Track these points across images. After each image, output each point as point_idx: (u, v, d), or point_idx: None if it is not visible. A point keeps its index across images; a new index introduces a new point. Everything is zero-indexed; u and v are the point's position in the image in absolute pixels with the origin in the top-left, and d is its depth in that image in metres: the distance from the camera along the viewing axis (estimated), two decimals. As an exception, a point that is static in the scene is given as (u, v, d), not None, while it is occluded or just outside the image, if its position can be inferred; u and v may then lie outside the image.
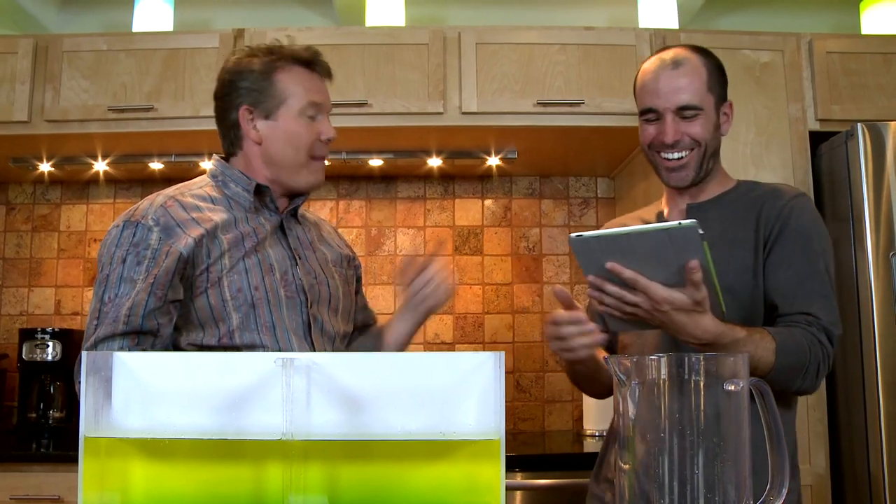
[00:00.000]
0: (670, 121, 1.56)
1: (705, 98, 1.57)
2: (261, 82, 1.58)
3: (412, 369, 0.81)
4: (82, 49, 2.76)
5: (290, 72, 1.60)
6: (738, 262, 1.53)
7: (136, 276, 1.45)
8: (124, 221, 1.52)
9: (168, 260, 1.46)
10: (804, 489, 2.50)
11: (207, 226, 1.51)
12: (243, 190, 1.60)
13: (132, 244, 1.47)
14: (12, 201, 3.29)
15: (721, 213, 1.61)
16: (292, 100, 1.58)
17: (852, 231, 2.50)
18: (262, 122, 1.59)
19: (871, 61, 2.76)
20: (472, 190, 3.29)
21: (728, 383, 0.87)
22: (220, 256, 1.50)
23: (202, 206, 1.55)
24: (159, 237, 1.47)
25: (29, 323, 3.20)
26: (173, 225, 1.49)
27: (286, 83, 1.59)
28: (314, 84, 1.62)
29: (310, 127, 1.60)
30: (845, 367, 2.53)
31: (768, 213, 1.56)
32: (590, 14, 3.33)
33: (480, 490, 0.79)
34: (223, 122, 1.64)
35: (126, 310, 1.43)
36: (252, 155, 1.61)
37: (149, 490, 0.80)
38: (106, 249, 1.50)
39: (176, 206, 1.53)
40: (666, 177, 1.61)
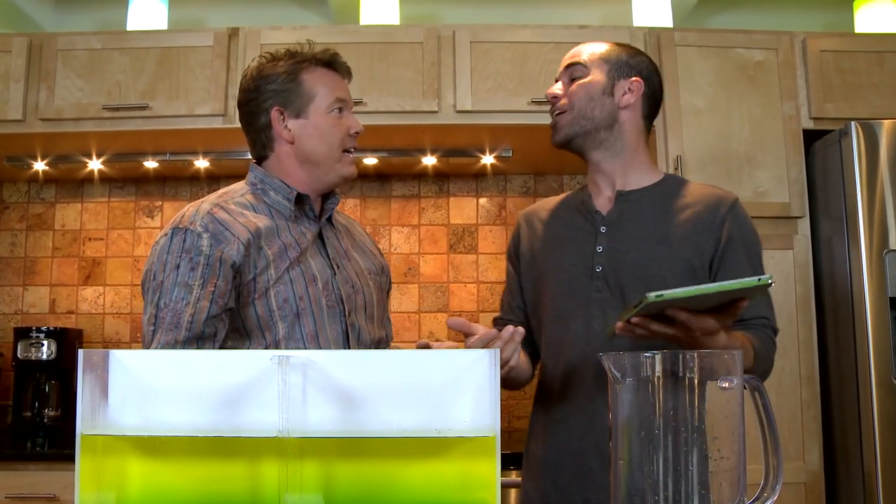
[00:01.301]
0: (559, 81, 1.65)
1: (594, 60, 1.62)
2: (288, 83, 1.62)
3: (408, 366, 0.82)
4: (77, 48, 2.76)
5: (313, 72, 1.64)
6: (674, 261, 1.53)
7: (191, 282, 1.47)
8: (172, 229, 1.53)
9: (224, 267, 1.48)
10: (798, 486, 2.52)
11: (254, 232, 1.53)
12: (284, 199, 1.62)
13: (184, 250, 1.49)
14: (7, 200, 3.29)
15: (653, 205, 1.60)
16: (320, 97, 1.62)
17: (846, 229, 2.51)
18: (294, 122, 1.62)
19: (865, 60, 2.77)
20: (466, 188, 3.30)
21: (722, 380, 0.88)
22: (265, 267, 1.52)
23: (246, 213, 1.57)
24: (210, 243, 1.49)
25: (23, 322, 3.19)
26: (222, 230, 1.51)
27: (312, 82, 1.62)
28: (337, 82, 1.66)
29: (339, 122, 1.63)
30: (839, 364, 2.54)
31: (711, 218, 1.56)
32: (584, 13, 3.34)
33: (476, 487, 0.79)
34: (252, 127, 1.66)
35: (189, 316, 1.45)
36: (284, 156, 1.63)
37: (145, 487, 0.81)
38: (157, 258, 1.52)
39: (222, 212, 1.55)
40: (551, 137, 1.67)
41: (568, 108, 1.61)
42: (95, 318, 3.21)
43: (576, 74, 1.63)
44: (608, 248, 1.57)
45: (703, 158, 2.67)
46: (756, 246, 1.60)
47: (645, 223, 1.58)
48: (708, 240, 1.55)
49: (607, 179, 1.64)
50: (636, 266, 1.54)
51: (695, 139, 2.69)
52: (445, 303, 3.21)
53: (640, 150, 1.65)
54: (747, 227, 1.59)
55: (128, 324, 3.22)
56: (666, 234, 1.56)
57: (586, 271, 1.58)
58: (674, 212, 1.58)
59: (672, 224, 1.57)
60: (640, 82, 1.63)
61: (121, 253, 3.25)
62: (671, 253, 1.54)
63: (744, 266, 1.54)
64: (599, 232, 1.60)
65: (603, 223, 1.60)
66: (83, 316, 3.22)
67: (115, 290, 3.23)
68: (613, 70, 1.62)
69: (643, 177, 1.64)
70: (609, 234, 1.59)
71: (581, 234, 1.63)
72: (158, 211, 3.27)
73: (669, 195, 1.62)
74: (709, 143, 2.70)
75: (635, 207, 1.60)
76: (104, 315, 3.22)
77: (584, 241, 1.61)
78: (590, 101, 1.60)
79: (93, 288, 3.23)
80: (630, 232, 1.58)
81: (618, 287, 1.54)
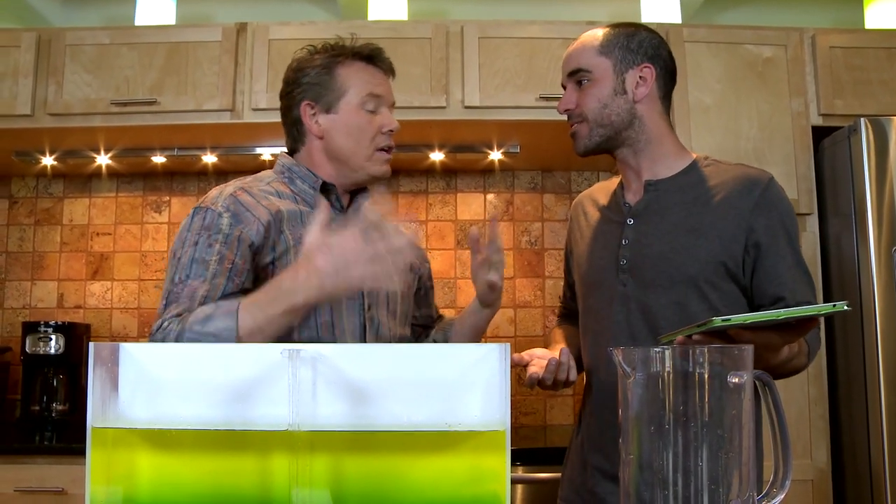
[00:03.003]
0: (567, 90, 1.59)
1: (594, 61, 1.55)
2: (322, 76, 1.59)
3: (418, 361, 0.82)
4: (85, 43, 2.77)
5: (350, 66, 1.60)
6: (702, 252, 1.47)
7: (207, 258, 1.45)
8: (194, 209, 1.53)
9: (242, 247, 1.47)
10: (805, 483, 2.51)
11: (275, 215, 1.51)
12: (309, 187, 1.60)
13: (203, 228, 1.48)
14: (15, 195, 3.30)
15: (682, 195, 1.54)
16: (352, 92, 1.59)
17: (855, 226, 2.50)
18: (324, 116, 1.60)
19: (875, 56, 2.76)
20: (474, 184, 3.29)
21: (732, 375, 0.88)
22: (285, 251, 1.50)
23: (270, 197, 1.56)
24: (230, 222, 1.48)
25: (32, 316, 3.21)
26: (243, 211, 1.50)
27: (346, 76, 1.59)
28: (375, 77, 1.62)
29: (370, 119, 1.60)
30: (847, 361, 2.53)
31: (742, 203, 1.49)
32: (592, 8, 3.33)
33: (486, 481, 0.79)
34: (286, 119, 1.65)
35: (203, 291, 1.43)
36: (314, 150, 1.62)
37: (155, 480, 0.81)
38: (178, 236, 1.52)
39: (245, 195, 1.54)
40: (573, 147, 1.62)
41: (583, 118, 1.56)
42: (103, 313, 3.22)
43: (581, 80, 1.57)
44: (633, 241, 1.54)
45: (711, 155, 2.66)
46: (793, 227, 1.52)
47: (672, 213, 1.53)
48: (739, 227, 1.48)
49: (635, 172, 1.60)
50: (660, 258, 1.50)
51: (703, 136, 2.69)
52: (453, 299, 3.21)
53: (665, 135, 1.59)
54: (783, 208, 1.51)
55: (135, 318, 3.22)
56: (694, 223, 1.50)
57: (612, 264, 1.55)
58: (704, 199, 1.52)
59: (701, 212, 1.51)
60: (650, 68, 1.56)
61: (128, 248, 3.26)
62: (698, 243, 1.48)
63: (786, 249, 1.49)
64: (626, 224, 1.56)
65: (630, 214, 1.57)
66: (91, 310, 3.23)
67: (122, 285, 3.24)
68: (618, 64, 1.55)
69: (671, 163, 1.58)
70: (635, 226, 1.55)
71: (610, 225, 1.60)
72: (166, 206, 3.28)
73: (699, 181, 1.55)
74: (717, 140, 2.69)
75: (663, 197, 1.55)
76: (112, 310, 3.23)
77: (612, 233, 1.59)
78: (603, 109, 1.55)
79: (100, 283, 3.24)
80: (656, 223, 1.53)
81: (641, 280, 1.51)
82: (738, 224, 1.48)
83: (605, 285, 1.55)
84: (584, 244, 1.65)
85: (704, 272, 1.47)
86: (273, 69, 2.72)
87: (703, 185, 1.54)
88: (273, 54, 2.74)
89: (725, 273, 1.48)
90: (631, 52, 1.56)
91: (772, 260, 1.48)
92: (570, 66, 1.58)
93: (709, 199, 1.52)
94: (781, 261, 1.49)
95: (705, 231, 1.49)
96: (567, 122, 1.60)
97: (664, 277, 1.48)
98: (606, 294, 1.55)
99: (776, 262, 1.49)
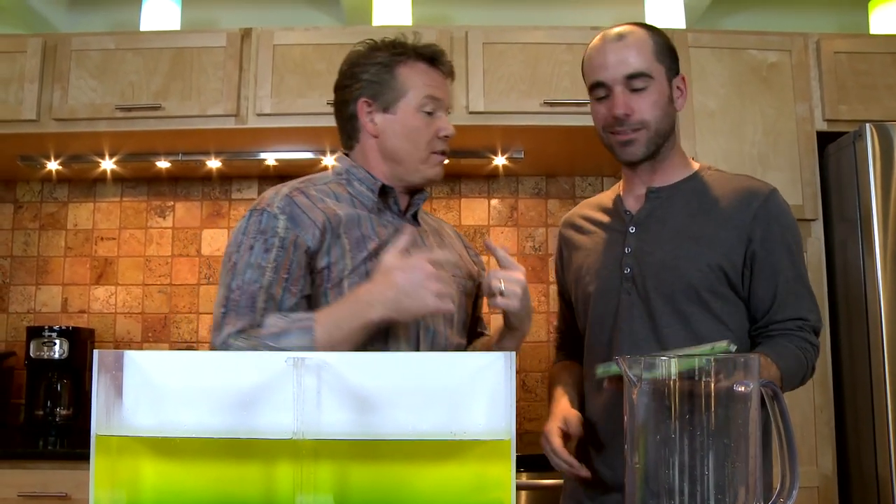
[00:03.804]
0: (619, 93, 1.49)
1: (654, 66, 1.50)
2: (382, 75, 1.55)
3: (422, 369, 0.81)
4: (90, 48, 2.77)
5: (412, 66, 1.56)
6: (703, 260, 1.46)
7: (263, 263, 1.42)
8: (250, 211, 1.49)
9: (298, 253, 1.44)
10: (811, 491, 2.50)
11: (332, 219, 1.48)
12: (368, 189, 1.56)
13: (259, 231, 1.45)
14: (20, 199, 3.30)
15: (684, 202, 1.53)
16: (412, 93, 1.55)
17: (860, 232, 2.49)
18: (380, 116, 1.56)
19: (880, 61, 2.75)
20: (478, 189, 3.29)
21: (738, 385, 0.87)
22: (341, 256, 1.47)
23: (327, 200, 1.52)
24: (286, 226, 1.45)
25: (36, 321, 3.21)
26: (299, 213, 1.46)
27: (407, 77, 1.55)
28: (435, 80, 1.58)
29: (428, 122, 1.56)
30: (853, 368, 2.52)
31: (743, 213, 1.48)
32: (596, 14, 3.33)
33: (491, 490, 0.79)
34: (341, 115, 1.61)
35: (263, 300, 1.41)
36: (369, 148, 1.58)
37: (159, 488, 0.81)
38: (233, 238, 1.48)
39: (301, 196, 1.50)
40: (619, 152, 1.54)
41: (644, 125, 1.50)
42: (107, 318, 3.23)
43: (638, 86, 1.49)
44: (636, 249, 1.52)
45: (715, 160, 2.65)
46: (794, 241, 1.50)
47: (674, 221, 1.52)
48: (739, 237, 1.47)
49: (643, 180, 1.58)
50: (662, 267, 1.48)
51: (708, 141, 2.68)
52: (456, 304, 3.20)
53: (678, 145, 1.59)
54: (784, 221, 1.50)
55: (139, 323, 3.22)
56: (696, 231, 1.49)
57: (616, 274, 1.53)
58: (706, 207, 1.51)
59: (703, 221, 1.50)
60: (685, 80, 1.56)
61: (133, 253, 3.26)
62: (700, 251, 1.47)
63: (783, 263, 1.47)
64: (629, 232, 1.54)
65: (632, 222, 1.55)
66: (95, 315, 3.23)
67: (126, 290, 3.24)
68: (668, 71, 1.53)
69: (676, 171, 1.57)
70: (637, 234, 1.53)
71: (612, 235, 1.58)
72: (170, 211, 3.28)
73: (701, 190, 1.54)
74: (721, 145, 2.69)
75: (665, 205, 1.54)
76: (116, 314, 3.23)
77: (614, 242, 1.57)
78: (665, 118, 1.52)
79: (105, 287, 3.24)
80: (658, 231, 1.52)
81: (644, 289, 1.49)
82: (739, 234, 1.47)
83: (611, 294, 1.53)
84: (583, 258, 1.62)
85: (706, 280, 1.46)
86: (277, 74, 2.73)
87: (705, 194, 1.54)
88: (277, 60, 2.74)
89: (727, 282, 1.47)
90: (673, 59, 1.55)
91: (767, 273, 1.47)
92: (627, 69, 1.49)
93: (711, 208, 1.51)
94: (778, 274, 1.47)
95: (707, 239, 1.48)
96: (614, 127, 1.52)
97: (666, 285, 1.47)
98: (612, 303, 1.52)
99: (771, 275, 1.47)
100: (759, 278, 1.48)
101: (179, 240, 3.27)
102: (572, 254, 1.66)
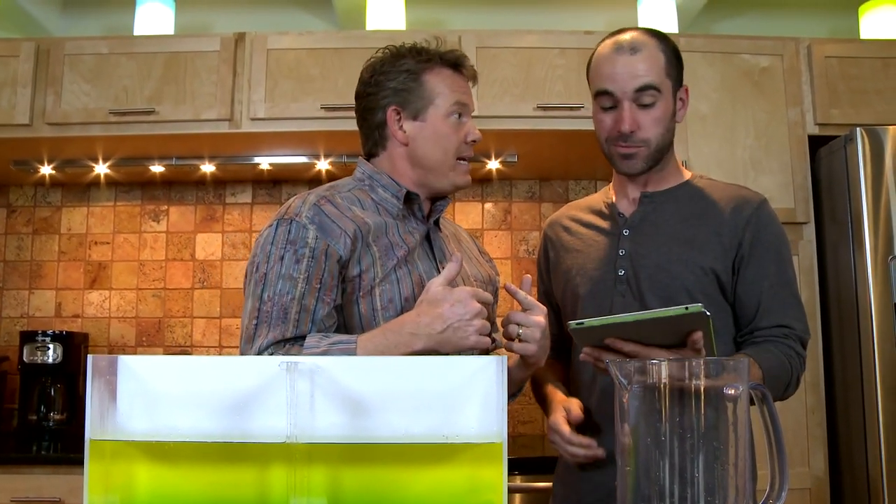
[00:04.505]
0: (627, 108, 1.50)
1: (663, 81, 1.51)
2: (410, 83, 1.55)
3: (415, 373, 0.82)
4: (84, 52, 2.77)
5: (438, 73, 1.56)
6: (696, 264, 1.49)
7: (295, 274, 1.41)
8: (277, 220, 1.47)
9: (330, 262, 1.43)
10: (803, 492, 2.51)
11: (361, 227, 1.47)
12: (392, 196, 1.56)
13: (288, 241, 1.43)
14: (13, 204, 3.30)
15: (677, 207, 1.56)
16: (440, 100, 1.54)
17: (851, 235, 2.50)
18: (410, 123, 1.55)
19: (870, 66, 2.77)
20: (472, 193, 3.30)
21: (728, 387, 0.88)
22: (371, 264, 1.46)
23: (353, 208, 1.51)
24: (316, 235, 1.43)
25: (29, 325, 3.20)
26: (328, 223, 1.45)
27: (434, 83, 1.55)
28: (460, 85, 1.58)
29: (457, 128, 1.56)
30: (844, 370, 2.54)
31: (735, 220, 1.51)
32: (589, 18, 3.34)
33: (483, 493, 0.79)
34: (367, 123, 1.60)
35: (294, 312, 1.40)
36: (397, 156, 1.57)
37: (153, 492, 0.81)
38: (261, 249, 1.46)
39: (329, 205, 1.49)
40: (619, 164, 1.56)
41: (646, 143, 1.52)
42: (101, 322, 3.22)
43: (646, 101, 1.50)
44: (630, 251, 1.54)
45: (707, 164, 2.67)
46: (783, 249, 1.52)
47: (667, 225, 1.54)
48: (730, 242, 1.50)
49: (638, 186, 1.60)
50: (656, 269, 1.50)
51: (700, 145, 2.70)
52: (450, 307, 3.20)
53: (673, 153, 1.61)
54: (773, 230, 1.52)
55: (133, 328, 3.22)
56: (688, 236, 1.52)
57: (609, 275, 1.55)
58: (698, 213, 1.54)
59: (695, 226, 1.52)
60: (687, 91, 1.57)
61: (126, 257, 3.26)
62: (693, 256, 1.49)
63: (770, 270, 1.49)
64: (622, 235, 1.56)
65: (626, 226, 1.57)
66: (89, 320, 3.23)
67: (120, 294, 3.24)
68: (674, 84, 1.54)
69: (670, 178, 1.60)
70: (631, 237, 1.55)
71: (605, 237, 1.59)
72: (164, 215, 3.28)
73: (694, 196, 1.57)
74: (713, 149, 2.70)
75: (659, 209, 1.56)
76: (110, 319, 3.23)
77: (607, 244, 1.58)
78: (665, 134, 1.54)
79: (98, 292, 3.24)
80: (651, 234, 1.54)
81: (639, 291, 1.51)
82: (730, 240, 1.50)
83: (604, 296, 1.54)
84: (572, 259, 1.63)
85: (699, 283, 1.48)
86: (271, 79, 2.73)
87: (698, 200, 1.56)
88: (271, 64, 2.74)
89: (717, 286, 1.49)
90: (680, 70, 1.56)
91: (752, 278, 1.49)
92: (638, 82, 1.49)
93: (703, 213, 1.54)
94: (763, 280, 1.49)
95: (700, 243, 1.50)
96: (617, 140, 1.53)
97: (660, 288, 1.49)
98: (605, 304, 1.53)
99: (756, 280, 1.49)
100: (744, 283, 1.50)
101: (173, 244, 3.27)
102: (560, 254, 1.67)
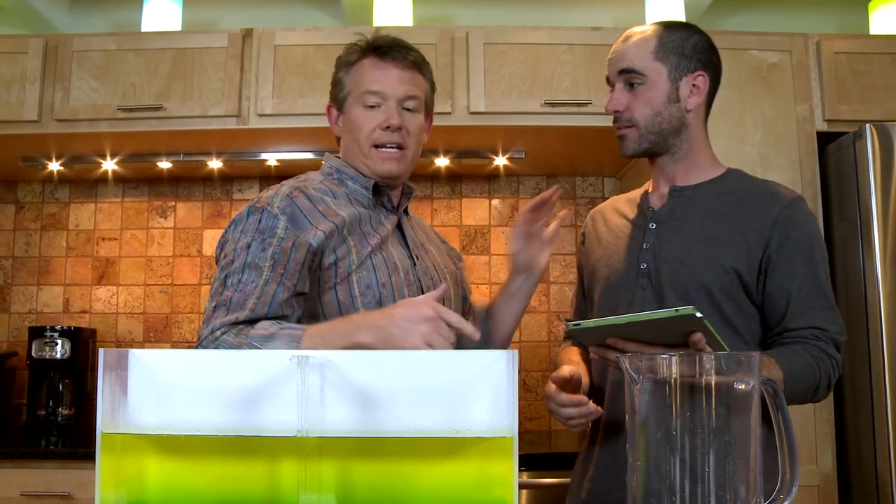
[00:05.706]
0: (617, 89, 1.54)
1: (650, 65, 1.50)
2: (339, 76, 1.62)
3: (425, 367, 0.82)
4: (92, 49, 2.78)
5: (361, 64, 1.59)
6: (718, 262, 1.45)
7: (261, 263, 1.42)
8: (248, 208, 1.50)
9: (298, 251, 1.44)
10: (811, 489, 2.50)
11: (336, 221, 1.49)
12: (361, 187, 1.59)
13: (258, 231, 1.45)
14: (21, 200, 3.31)
15: (704, 203, 1.53)
16: (354, 90, 1.58)
17: (860, 232, 2.49)
18: (341, 117, 1.63)
19: (880, 62, 2.76)
20: (479, 189, 3.30)
21: (739, 382, 0.88)
22: (347, 252, 1.48)
23: (326, 199, 1.54)
24: (286, 227, 1.45)
25: (38, 321, 3.21)
26: (300, 215, 1.47)
27: (356, 75, 1.59)
28: (380, 73, 1.57)
29: (367, 116, 1.57)
30: (853, 368, 2.53)
31: (763, 218, 1.47)
32: (597, 14, 3.33)
33: (493, 487, 0.79)
34: None
35: (254, 298, 1.40)
36: (343, 149, 1.65)
37: (164, 485, 0.81)
38: (230, 235, 1.49)
39: (302, 197, 1.51)
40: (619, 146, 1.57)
41: (633, 123, 1.52)
42: (109, 318, 3.23)
43: (632, 81, 1.51)
44: (654, 245, 1.52)
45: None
46: (816, 249, 1.47)
47: (693, 220, 1.51)
48: (757, 241, 1.46)
49: (667, 179, 1.58)
50: (677, 265, 1.48)
51: (708, 141, 2.69)
52: (457, 304, 3.21)
53: (704, 145, 1.57)
54: (805, 229, 1.47)
55: (141, 323, 3.23)
56: (712, 232, 1.49)
57: (632, 268, 1.54)
58: (726, 209, 1.50)
59: (720, 223, 1.49)
60: (704, 77, 1.53)
61: (134, 253, 3.27)
62: (715, 252, 1.46)
63: (800, 270, 1.44)
64: (649, 228, 1.55)
65: (653, 219, 1.55)
66: (97, 315, 3.23)
67: (128, 290, 3.25)
68: (673, 70, 1.51)
69: (702, 171, 1.56)
70: (657, 231, 1.54)
71: (634, 230, 1.58)
72: (172, 211, 3.29)
73: (726, 191, 1.53)
74: (722, 146, 2.66)
75: (687, 204, 1.54)
76: (117, 314, 3.24)
77: (634, 237, 1.57)
78: (656, 116, 1.51)
79: (106, 287, 3.25)
80: (676, 228, 1.52)
81: (659, 286, 1.49)
82: (758, 239, 1.46)
83: (626, 289, 1.53)
84: (604, 249, 1.63)
85: (719, 282, 1.45)
86: (279, 75, 2.73)
87: (728, 196, 1.53)
88: (279, 60, 2.74)
89: (740, 286, 1.46)
90: (686, 57, 1.52)
91: (781, 278, 1.45)
92: (620, 65, 1.53)
93: (731, 210, 1.50)
94: (793, 281, 1.44)
95: (723, 241, 1.47)
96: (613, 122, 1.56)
97: (678, 284, 1.47)
98: (626, 298, 1.52)
99: (786, 280, 1.45)
100: (773, 283, 1.45)
101: (181, 240, 3.27)
102: (593, 245, 1.68)
